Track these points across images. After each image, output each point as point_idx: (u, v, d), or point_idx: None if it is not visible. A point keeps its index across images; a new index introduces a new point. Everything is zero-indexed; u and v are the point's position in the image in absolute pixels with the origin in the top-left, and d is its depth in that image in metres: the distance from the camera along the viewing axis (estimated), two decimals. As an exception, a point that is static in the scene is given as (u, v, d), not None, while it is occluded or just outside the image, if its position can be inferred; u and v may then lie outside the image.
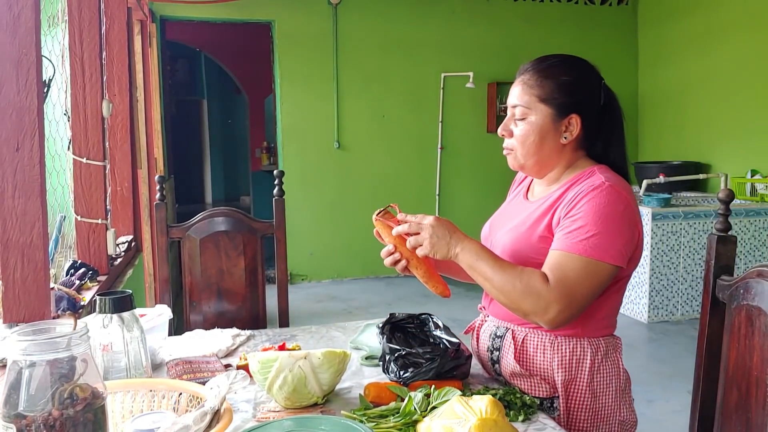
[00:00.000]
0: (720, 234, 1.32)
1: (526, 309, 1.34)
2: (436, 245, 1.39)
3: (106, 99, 2.64)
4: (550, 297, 1.32)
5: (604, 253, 1.34)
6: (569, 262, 1.34)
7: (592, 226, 1.34)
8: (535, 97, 1.45)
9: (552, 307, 1.32)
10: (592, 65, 1.50)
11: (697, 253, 4.94)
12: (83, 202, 2.52)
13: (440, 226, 1.40)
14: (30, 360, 0.83)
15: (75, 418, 0.83)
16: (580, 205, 1.38)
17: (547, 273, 1.34)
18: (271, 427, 1.09)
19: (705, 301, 1.35)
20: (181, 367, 1.54)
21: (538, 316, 1.34)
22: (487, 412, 1.11)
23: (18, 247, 1.60)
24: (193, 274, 2.18)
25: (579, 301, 1.33)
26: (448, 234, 1.40)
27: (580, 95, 1.44)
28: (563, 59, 1.49)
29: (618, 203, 1.37)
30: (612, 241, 1.34)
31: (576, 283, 1.33)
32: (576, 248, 1.34)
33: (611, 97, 1.49)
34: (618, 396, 1.45)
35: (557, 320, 1.33)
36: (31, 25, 1.58)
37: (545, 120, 1.44)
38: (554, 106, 1.44)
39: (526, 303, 1.34)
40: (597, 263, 1.34)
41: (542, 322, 1.35)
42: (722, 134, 5.89)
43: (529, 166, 1.50)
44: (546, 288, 1.32)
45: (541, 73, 1.46)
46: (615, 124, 1.49)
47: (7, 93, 1.57)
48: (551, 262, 1.36)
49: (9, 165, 1.58)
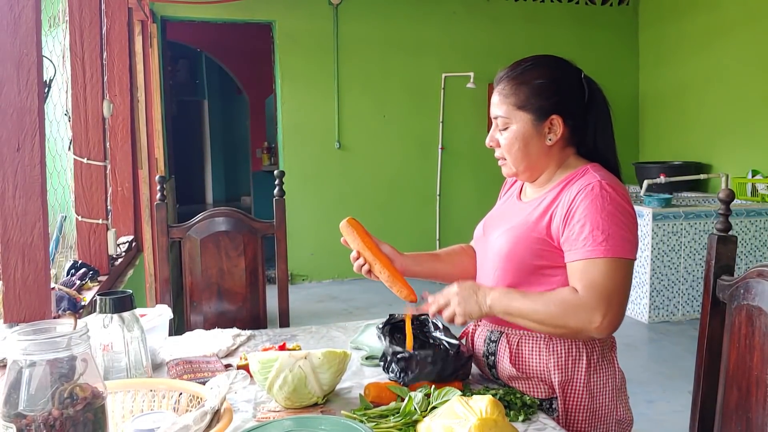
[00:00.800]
0: (720, 234, 1.32)
1: (573, 326, 1.34)
2: (467, 308, 1.41)
3: (107, 99, 2.64)
4: (588, 306, 1.32)
5: (622, 250, 1.34)
6: (592, 268, 1.34)
7: (603, 228, 1.34)
8: (512, 106, 1.45)
9: (595, 314, 1.31)
10: (566, 61, 1.49)
11: (697, 253, 4.94)
12: (84, 202, 2.52)
13: (464, 289, 1.42)
14: (30, 359, 0.83)
15: (75, 417, 0.83)
16: (582, 209, 1.37)
17: (575, 285, 1.35)
18: (271, 427, 1.09)
19: (705, 301, 1.35)
20: (181, 367, 1.54)
21: (587, 328, 1.33)
22: (487, 412, 1.11)
23: (18, 247, 1.60)
24: (193, 274, 2.18)
25: (616, 301, 1.33)
26: (474, 293, 1.42)
27: (557, 96, 1.43)
28: (535, 62, 1.48)
29: (617, 199, 1.37)
30: (624, 237, 1.35)
31: (607, 285, 1.32)
32: (595, 253, 1.34)
33: (594, 90, 1.47)
34: (615, 395, 1.45)
35: (604, 325, 1.32)
36: (31, 25, 1.58)
37: (526, 126, 1.45)
38: (532, 111, 1.44)
39: (570, 321, 1.33)
40: (618, 261, 1.34)
41: (594, 334, 1.33)
42: (723, 134, 5.88)
43: (521, 171, 1.50)
44: (580, 298, 1.32)
45: (514, 81, 1.46)
46: (600, 116, 1.48)
47: (8, 93, 1.57)
48: (575, 273, 1.36)
49: (10, 165, 1.58)
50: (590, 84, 1.47)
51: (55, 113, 2.47)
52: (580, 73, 1.48)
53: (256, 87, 9.43)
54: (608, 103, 1.50)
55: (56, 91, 2.49)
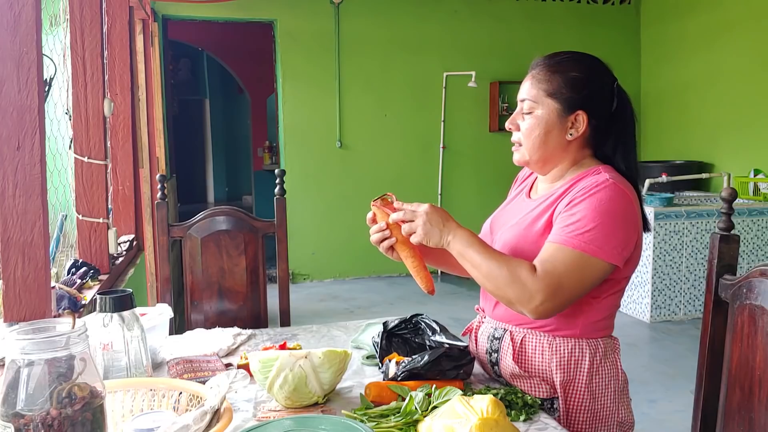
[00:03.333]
0: (723, 233, 1.31)
1: (511, 297, 1.34)
2: (429, 232, 1.40)
3: (108, 98, 2.64)
4: (534, 287, 1.31)
5: (599, 250, 1.33)
6: (561, 255, 1.33)
7: (590, 221, 1.34)
8: (542, 92, 1.45)
9: (536, 297, 1.31)
10: (604, 64, 1.49)
11: (699, 252, 4.93)
12: (85, 201, 2.52)
13: (434, 214, 1.41)
14: (28, 359, 0.83)
15: (73, 417, 0.83)
16: (580, 200, 1.37)
17: (537, 264, 1.34)
18: (271, 426, 1.09)
19: (707, 300, 1.34)
20: (181, 366, 1.53)
21: (522, 304, 1.33)
22: (488, 412, 1.10)
23: (19, 246, 1.60)
24: (194, 274, 2.18)
25: (565, 293, 1.33)
26: (441, 221, 1.40)
27: (588, 92, 1.43)
28: (575, 55, 1.48)
29: (620, 201, 1.36)
30: (608, 238, 1.34)
31: (564, 276, 1.32)
32: (570, 242, 1.33)
33: (624, 100, 1.47)
34: (617, 397, 1.45)
35: (540, 310, 1.32)
36: (31, 23, 1.57)
37: (551, 115, 1.44)
38: (561, 101, 1.43)
39: (510, 291, 1.33)
40: (589, 258, 1.33)
41: (526, 312, 1.34)
42: (725, 133, 5.87)
43: (533, 160, 1.49)
44: (532, 278, 1.32)
45: (550, 68, 1.45)
46: (626, 127, 1.48)
47: (8, 92, 1.56)
48: (543, 253, 1.36)
49: (10, 164, 1.58)
50: (621, 94, 1.47)
51: (56, 112, 2.47)
52: (614, 80, 1.48)
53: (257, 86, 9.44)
54: (636, 117, 1.49)
55: (57, 90, 2.48)
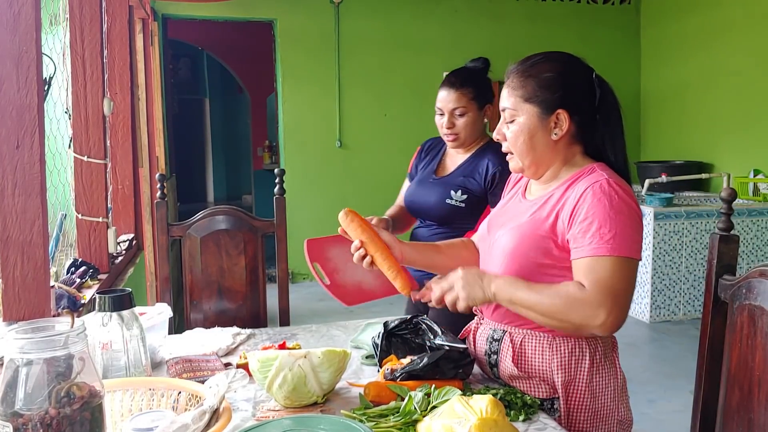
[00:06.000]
0: (722, 233, 1.31)
1: (576, 321, 1.33)
2: (471, 293, 1.41)
3: (107, 97, 2.63)
4: (593, 302, 1.31)
5: (628, 249, 1.33)
6: (600, 265, 1.33)
7: (611, 226, 1.33)
8: (519, 98, 1.45)
9: (599, 311, 1.30)
10: (578, 59, 1.48)
11: (699, 252, 4.93)
12: (84, 200, 2.52)
13: (468, 273, 1.42)
14: (27, 358, 0.83)
15: (72, 416, 0.83)
16: (589, 207, 1.36)
17: (583, 281, 1.34)
18: (270, 426, 1.09)
19: (707, 300, 1.34)
20: (180, 365, 1.53)
21: (590, 325, 1.32)
22: (488, 412, 1.10)
23: (18, 245, 1.60)
24: (193, 273, 2.18)
25: (622, 299, 1.33)
26: (478, 278, 1.41)
27: (564, 90, 1.43)
28: (546, 56, 1.48)
29: (625, 198, 1.36)
30: (631, 236, 1.34)
31: (613, 283, 1.32)
32: (601, 251, 1.33)
33: (606, 91, 1.47)
34: (616, 396, 1.45)
35: (608, 323, 1.31)
36: (31, 22, 1.57)
37: (532, 119, 1.44)
38: (538, 104, 1.43)
39: (573, 315, 1.33)
40: (624, 260, 1.33)
41: (596, 330, 1.33)
42: (725, 133, 5.87)
43: (526, 166, 1.49)
44: (585, 294, 1.32)
45: (523, 74, 1.46)
46: (611, 117, 1.47)
47: (7, 91, 1.56)
48: (581, 270, 1.35)
49: (9, 163, 1.58)
50: (602, 84, 1.47)
51: (56, 111, 2.47)
52: (591, 72, 1.47)
53: (257, 85, 9.42)
54: (620, 105, 1.49)
55: (56, 89, 2.48)
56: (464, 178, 2.15)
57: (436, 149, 2.32)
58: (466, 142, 2.17)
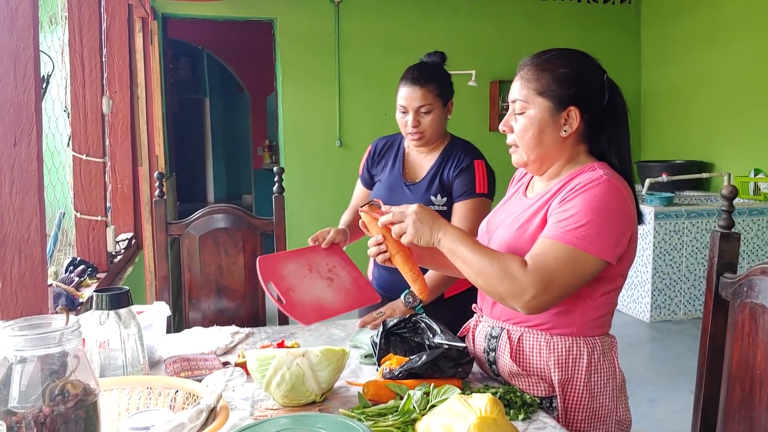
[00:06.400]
0: (723, 231, 1.30)
1: (502, 292, 1.34)
2: (420, 231, 1.40)
3: (107, 95, 2.62)
4: (525, 281, 1.31)
5: (591, 245, 1.32)
6: (552, 250, 1.33)
7: (583, 217, 1.33)
8: (532, 91, 1.44)
9: (527, 291, 1.30)
10: (592, 58, 1.48)
11: (699, 252, 4.92)
12: (83, 199, 2.51)
13: (423, 213, 1.42)
14: (21, 355, 0.82)
15: (66, 414, 0.82)
16: (574, 196, 1.36)
17: (528, 259, 1.34)
18: (267, 425, 1.08)
19: (708, 298, 1.33)
20: (178, 364, 1.53)
21: (514, 299, 1.33)
22: (487, 411, 1.10)
23: (15, 243, 1.59)
24: (192, 272, 2.17)
25: (556, 288, 1.32)
26: (431, 220, 1.41)
27: (578, 87, 1.42)
28: (561, 52, 1.47)
29: (614, 198, 1.35)
30: (601, 234, 1.33)
31: (555, 271, 1.31)
32: (562, 237, 1.33)
33: (614, 92, 1.46)
34: (615, 395, 1.44)
35: (531, 304, 1.32)
36: (29, 19, 1.56)
37: (543, 113, 1.43)
38: (551, 99, 1.42)
39: (501, 286, 1.33)
40: (581, 254, 1.32)
41: (518, 306, 1.34)
42: (725, 133, 5.86)
43: (531, 161, 1.48)
44: (523, 272, 1.31)
45: (538, 67, 1.45)
46: (618, 119, 1.47)
47: (5, 88, 1.55)
48: (535, 248, 1.36)
49: (6, 160, 1.57)
50: (612, 86, 1.46)
51: (54, 109, 2.46)
52: (603, 73, 1.47)
53: (257, 85, 9.42)
54: (627, 109, 1.49)
55: (55, 87, 2.48)
56: (440, 180, 2.09)
57: (392, 150, 2.23)
58: (431, 140, 2.10)
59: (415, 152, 2.18)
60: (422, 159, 2.16)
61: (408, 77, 2.09)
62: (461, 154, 2.10)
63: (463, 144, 2.17)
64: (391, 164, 2.20)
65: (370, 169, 2.26)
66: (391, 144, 2.24)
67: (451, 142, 2.16)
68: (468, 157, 2.10)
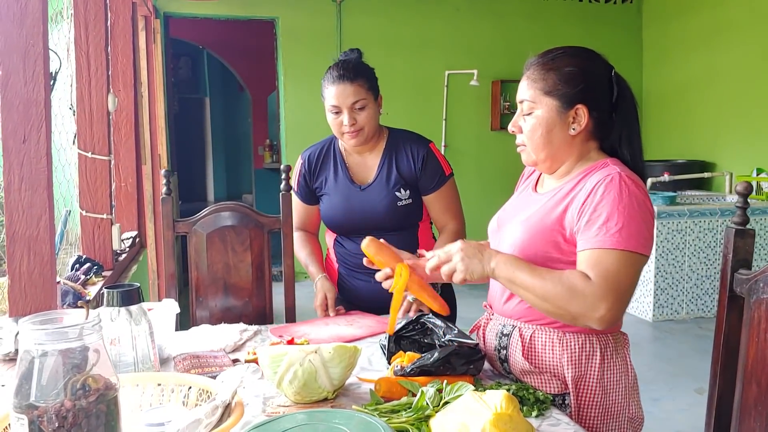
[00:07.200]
0: (738, 227, 1.30)
1: (574, 312, 1.30)
2: (470, 266, 1.38)
3: (112, 93, 2.62)
4: (596, 295, 1.28)
5: (636, 244, 1.31)
6: (606, 258, 1.31)
7: (619, 219, 1.32)
8: (539, 91, 1.43)
9: (600, 305, 1.28)
10: (599, 55, 1.48)
11: (702, 251, 4.92)
12: (88, 196, 2.51)
13: (469, 248, 1.39)
14: (42, 349, 0.81)
15: (87, 409, 0.81)
16: (599, 199, 1.35)
17: (588, 272, 1.31)
18: (284, 420, 1.07)
19: (722, 295, 1.33)
20: (188, 361, 1.52)
21: (588, 317, 1.29)
22: (502, 407, 1.09)
23: (24, 240, 1.58)
24: (199, 269, 2.16)
25: (625, 295, 1.31)
26: (479, 253, 1.39)
27: (584, 85, 1.42)
28: (567, 50, 1.47)
29: (636, 193, 1.35)
30: (640, 230, 1.32)
31: (618, 277, 1.29)
32: (609, 243, 1.31)
33: (624, 87, 1.46)
34: (627, 393, 1.44)
35: (607, 318, 1.29)
36: (38, 15, 1.56)
37: (551, 113, 1.43)
38: (559, 98, 1.42)
39: (573, 305, 1.30)
40: (632, 254, 1.31)
41: (593, 323, 1.30)
42: (727, 132, 5.86)
43: (540, 160, 1.48)
44: (590, 286, 1.29)
45: (544, 66, 1.44)
46: (628, 114, 1.47)
47: (15, 84, 1.55)
48: (587, 261, 1.33)
49: (16, 157, 1.57)
50: (620, 82, 1.46)
51: (60, 107, 2.45)
52: (611, 69, 1.46)
53: (258, 84, 9.40)
54: (636, 103, 1.48)
55: (61, 85, 2.47)
56: (397, 175, 2.06)
57: (328, 157, 2.13)
58: (369, 137, 2.04)
59: (354, 153, 2.12)
60: (366, 158, 2.11)
61: (334, 75, 2.01)
62: (411, 144, 2.09)
63: (406, 133, 2.15)
64: (333, 172, 2.12)
65: (309, 183, 2.16)
66: (324, 152, 2.15)
67: (392, 134, 2.14)
68: (422, 146, 2.08)
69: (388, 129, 2.15)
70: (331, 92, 2.00)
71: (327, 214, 2.14)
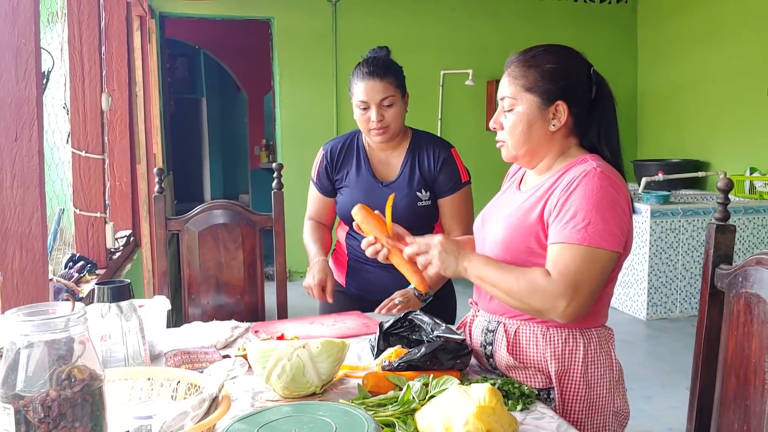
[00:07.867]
0: (719, 223, 1.32)
1: (537, 306, 1.36)
2: (446, 261, 1.43)
3: (105, 92, 2.63)
4: (555, 291, 1.32)
5: (602, 240, 1.34)
6: (568, 253, 1.34)
7: (587, 214, 1.34)
8: (520, 87, 1.46)
9: (559, 300, 1.32)
10: (577, 52, 1.50)
11: (695, 250, 4.95)
12: (82, 195, 2.52)
13: (448, 244, 1.44)
14: (28, 340, 0.83)
15: (73, 399, 0.83)
16: (572, 194, 1.37)
17: (549, 268, 1.35)
18: (269, 412, 1.09)
19: (704, 290, 1.35)
20: (179, 357, 1.54)
21: (550, 311, 1.35)
22: (486, 400, 1.11)
23: (16, 237, 1.60)
24: (191, 267, 2.18)
25: (585, 290, 1.34)
26: (456, 250, 1.44)
27: (564, 81, 1.44)
28: (547, 48, 1.49)
29: (609, 189, 1.37)
30: (608, 226, 1.34)
31: (579, 273, 1.33)
32: (573, 238, 1.34)
33: (602, 84, 1.48)
34: (612, 387, 1.45)
35: (568, 312, 1.33)
36: (30, 14, 1.57)
37: (532, 109, 1.45)
38: (539, 94, 1.44)
39: (534, 301, 1.35)
40: (596, 250, 1.34)
41: (557, 317, 1.35)
42: (721, 132, 5.89)
43: (520, 156, 1.50)
44: (548, 282, 1.33)
45: (525, 63, 1.47)
46: (607, 111, 1.49)
47: (6, 83, 1.56)
48: (551, 256, 1.37)
49: (8, 155, 1.58)
50: (599, 80, 1.48)
51: (54, 106, 2.47)
52: (590, 66, 1.49)
53: (254, 84, 9.41)
54: (615, 101, 1.51)
55: (55, 84, 2.48)
56: (419, 175, 2.06)
57: (351, 151, 2.14)
58: (395, 134, 2.04)
59: (378, 150, 2.11)
60: (389, 156, 2.11)
61: (364, 71, 2.01)
62: (434, 146, 2.09)
63: (430, 136, 2.15)
64: (356, 166, 2.12)
65: (330, 175, 2.17)
66: (347, 145, 2.15)
67: (416, 135, 2.13)
68: (444, 149, 2.09)
69: (412, 129, 2.15)
70: (360, 88, 2.01)
71: (346, 207, 2.11)
